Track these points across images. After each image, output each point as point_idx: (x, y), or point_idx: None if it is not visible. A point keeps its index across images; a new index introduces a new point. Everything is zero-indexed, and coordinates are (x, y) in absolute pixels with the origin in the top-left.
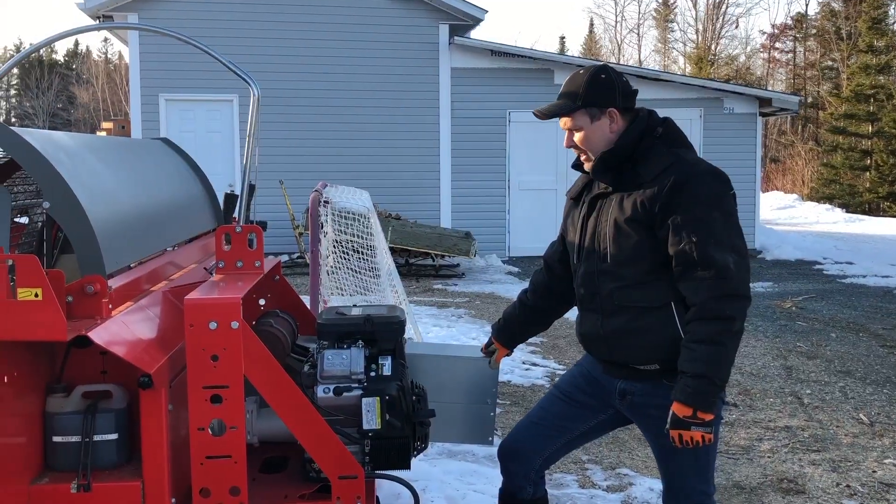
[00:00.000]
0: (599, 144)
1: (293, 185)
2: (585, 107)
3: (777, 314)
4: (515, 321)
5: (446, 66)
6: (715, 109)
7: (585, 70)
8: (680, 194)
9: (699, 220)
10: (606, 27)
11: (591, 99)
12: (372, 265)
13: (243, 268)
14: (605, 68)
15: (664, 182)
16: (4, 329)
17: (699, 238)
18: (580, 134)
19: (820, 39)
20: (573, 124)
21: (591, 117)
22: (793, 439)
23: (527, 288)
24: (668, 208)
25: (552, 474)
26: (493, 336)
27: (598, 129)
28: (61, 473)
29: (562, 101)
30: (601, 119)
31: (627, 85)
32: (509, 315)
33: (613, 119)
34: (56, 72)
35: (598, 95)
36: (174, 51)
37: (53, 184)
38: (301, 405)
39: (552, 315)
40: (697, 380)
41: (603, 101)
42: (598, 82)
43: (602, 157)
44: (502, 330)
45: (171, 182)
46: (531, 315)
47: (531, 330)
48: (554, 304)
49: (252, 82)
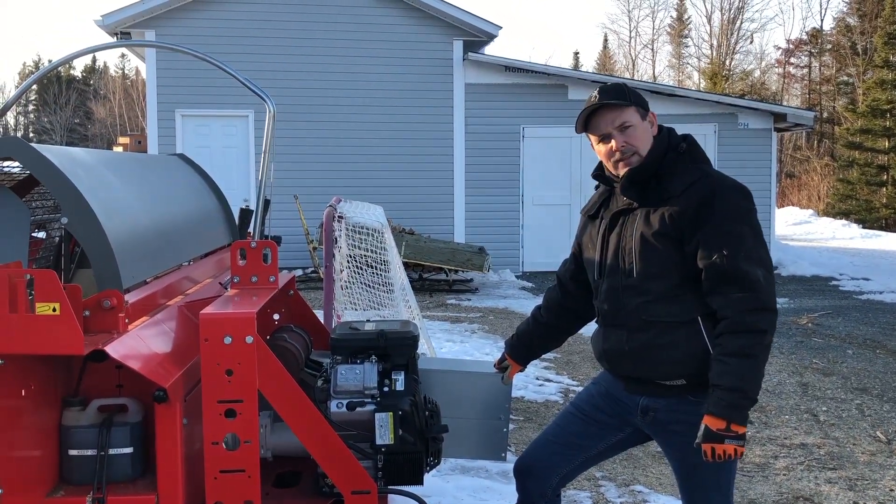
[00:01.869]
0: (645, 146)
1: (307, 200)
2: (636, 105)
3: (793, 330)
4: (529, 338)
5: (460, 82)
6: (729, 125)
7: (612, 84)
8: (709, 208)
9: (729, 234)
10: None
11: (637, 100)
12: (385, 280)
13: (258, 283)
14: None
15: (693, 197)
16: (23, 343)
17: (730, 252)
18: (630, 131)
19: (835, 54)
20: (625, 120)
21: (641, 116)
22: (809, 457)
23: (540, 305)
24: (697, 222)
25: (566, 491)
26: (506, 352)
27: (646, 129)
28: (77, 487)
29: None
30: (647, 120)
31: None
32: (523, 332)
33: (653, 123)
34: (74, 87)
35: (640, 99)
36: (190, 67)
37: (71, 199)
38: (314, 420)
39: (566, 332)
40: (732, 393)
41: (644, 104)
42: (634, 90)
43: (630, 174)
44: (516, 346)
45: (187, 197)
46: (545, 332)
47: (545, 347)
48: (568, 321)
49: (267, 98)
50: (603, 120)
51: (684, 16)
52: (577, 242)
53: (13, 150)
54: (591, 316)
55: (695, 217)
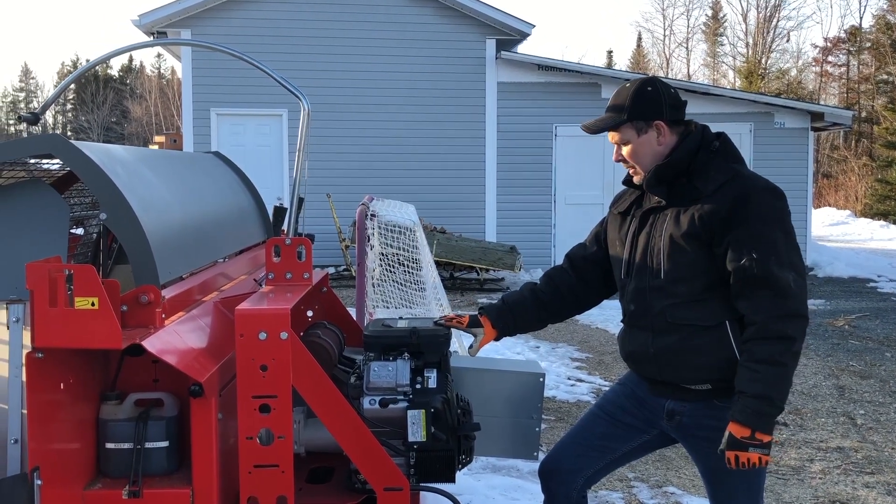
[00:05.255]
0: (647, 158)
1: (340, 199)
2: (631, 120)
3: (829, 332)
4: (521, 310)
5: (493, 81)
6: (765, 124)
7: (632, 83)
8: (742, 210)
9: (761, 237)
10: (655, 41)
11: (636, 112)
12: (417, 278)
13: (292, 279)
14: (651, 80)
15: (725, 197)
16: (62, 337)
17: (760, 255)
18: (627, 148)
19: (875, 53)
20: (620, 138)
21: (638, 131)
22: (845, 460)
23: (540, 282)
24: (728, 224)
25: (597, 492)
26: (485, 316)
27: (645, 142)
28: (113, 479)
29: (608, 115)
30: (648, 132)
31: (676, 97)
32: (514, 302)
33: (661, 132)
34: (111, 87)
35: (643, 108)
36: (226, 66)
37: (110, 196)
38: (347, 416)
39: (562, 316)
40: (758, 400)
41: (649, 114)
42: (644, 95)
43: (656, 170)
44: (502, 313)
45: (223, 195)
46: (539, 310)
47: (531, 325)
48: (568, 306)
49: (302, 97)
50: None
51: (720, 14)
52: (602, 235)
53: (54, 148)
54: (592, 305)
55: (726, 218)
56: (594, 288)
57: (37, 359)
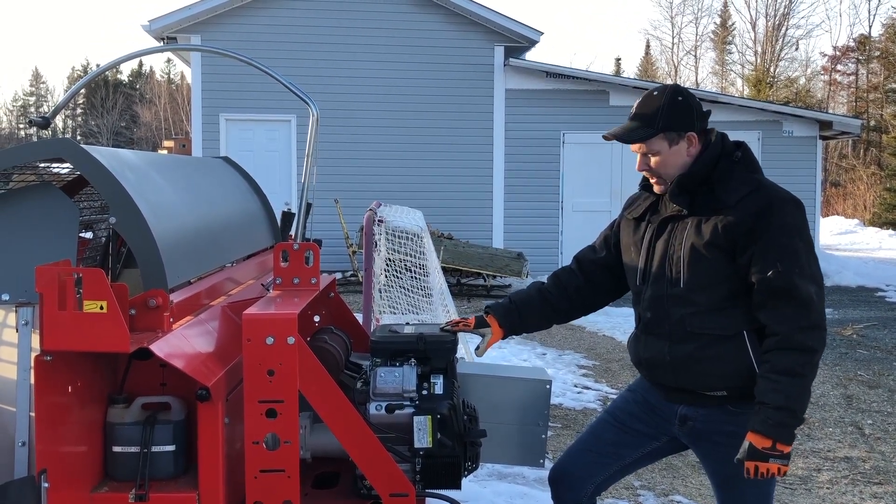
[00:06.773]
0: (675, 169)
1: (347, 205)
2: (664, 131)
3: (837, 342)
4: (528, 310)
5: (501, 88)
6: (774, 132)
7: (660, 92)
8: (766, 221)
9: (785, 249)
10: (663, 49)
11: (669, 123)
12: (424, 284)
13: (300, 284)
14: (680, 90)
15: (748, 208)
16: (71, 340)
17: (784, 267)
18: (656, 158)
19: (884, 61)
20: (649, 149)
21: (670, 142)
22: (853, 471)
23: (548, 282)
24: (752, 235)
25: (603, 500)
26: (492, 315)
27: (676, 153)
28: (120, 483)
29: (637, 125)
30: (679, 143)
31: (701, 106)
32: (521, 301)
33: (692, 143)
34: (120, 91)
35: (677, 120)
36: (235, 72)
37: (120, 200)
38: (354, 422)
39: (569, 317)
40: (779, 412)
41: (682, 125)
42: (677, 106)
43: (679, 180)
44: (509, 312)
45: (231, 199)
46: (547, 311)
47: (537, 325)
48: (577, 307)
49: (311, 103)
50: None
51: (728, 22)
52: (613, 239)
53: (64, 152)
54: (598, 307)
55: (751, 229)
56: (602, 290)
57: (45, 362)
